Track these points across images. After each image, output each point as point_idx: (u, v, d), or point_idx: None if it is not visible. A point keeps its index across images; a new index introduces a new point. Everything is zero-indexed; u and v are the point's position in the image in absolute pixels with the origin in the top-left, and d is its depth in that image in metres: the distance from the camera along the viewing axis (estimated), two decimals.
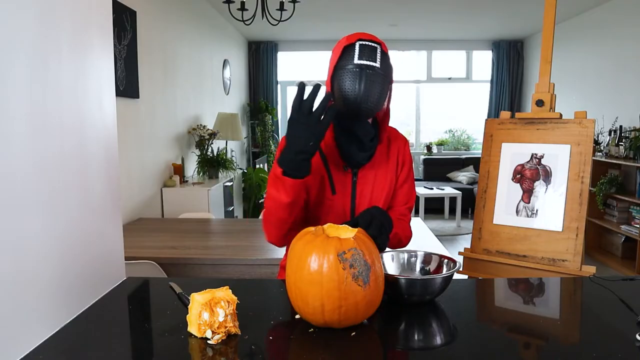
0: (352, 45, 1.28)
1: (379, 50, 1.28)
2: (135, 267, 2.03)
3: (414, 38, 7.56)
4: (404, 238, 1.44)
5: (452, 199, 6.74)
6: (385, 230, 1.25)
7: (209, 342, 0.96)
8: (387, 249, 1.38)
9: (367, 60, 1.25)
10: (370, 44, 1.27)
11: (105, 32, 1.30)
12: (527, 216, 1.92)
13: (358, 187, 1.39)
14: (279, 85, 7.84)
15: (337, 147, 1.37)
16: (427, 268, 1.29)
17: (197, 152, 4.51)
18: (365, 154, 1.36)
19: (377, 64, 1.26)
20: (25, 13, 0.96)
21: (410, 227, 1.48)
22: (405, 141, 1.49)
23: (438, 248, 2.41)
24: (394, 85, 1.37)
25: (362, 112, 1.29)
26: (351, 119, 1.32)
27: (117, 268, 1.35)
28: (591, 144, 1.84)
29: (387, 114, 1.40)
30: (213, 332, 0.96)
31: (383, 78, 1.27)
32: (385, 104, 1.38)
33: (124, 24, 3.14)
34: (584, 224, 1.81)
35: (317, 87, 1.16)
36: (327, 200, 1.38)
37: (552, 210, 1.87)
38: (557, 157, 1.90)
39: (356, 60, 1.25)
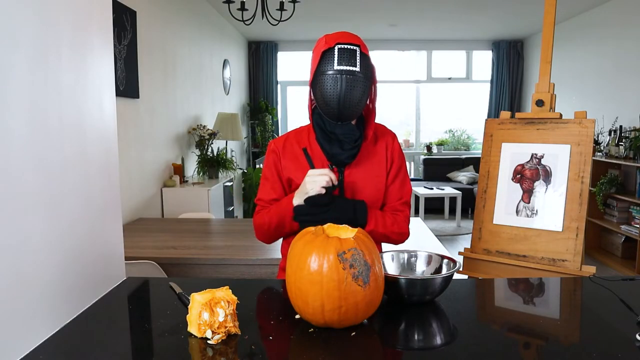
0: (332, 49, 1.28)
1: (358, 53, 1.27)
2: (135, 267, 2.03)
3: (414, 38, 7.56)
4: (394, 234, 1.42)
5: (452, 199, 6.74)
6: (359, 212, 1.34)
7: (209, 342, 0.96)
8: (386, 250, 1.38)
9: (346, 65, 1.26)
10: (349, 47, 1.27)
11: (105, 32, 1.30)
12: (527, 216, 1.92)
13: (345, 184, 1.40)
14: (279, 85, 7.84)
15: (321, 147, 1.39)
16: (427, 268, 1.29)
17: (197, 152, 4.51)
18: (349, 153, 1.37)
19: (357, 68, 1.26)
20: (25, 13, 0.96)
21: (406, 226, 1.46)
22: (393, 136, 1.48)
23: (438, 248, 2.41)
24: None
25: (344, 116, 1.31)
26: (334, 122, 1.35)
27: (117, 268, 1.35)
28: (591, 144, 1.84)
29: (372, 112, 1.41)
30: (213, 332, 0.97)
31: (364, 81, 1.28)
32: (370, 102, 1.39)
33: (124, 24, 3.14)
34: (584, 224, 1.81)
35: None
36: None
37: (552, 210, 1.87)
38: (557, 157, 1.90)
39: (336, 66, 1.26)
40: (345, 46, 1.27)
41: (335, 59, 1.26)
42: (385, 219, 1.41)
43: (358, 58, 1.27)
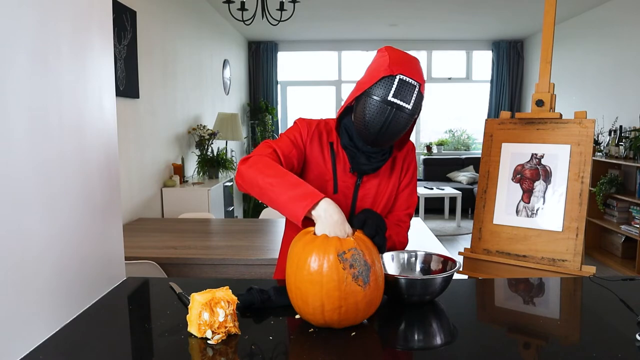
0: (392, 77, 1.20)
1: (416, 91, 1.21)
2: (135, 267, 2.03)
3: (414, 38, 7.56)
4: (397, 243, 1.41)
5: (452, 199, 6.74)
6: (381, 230, 1.23)
7: (209, 342, 0.96)
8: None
9: (401, 100, 1.19)
10: (410, 81, 1.20)
11: (105, 32, 1.30)
12: (527, 216, 1.92)
13: (360, 191, 1.38)
14: (279, 85, 7.84)
15: (346, 152, 1.36)
16: (427, 268, 1.29)
17: (197, 152, 4.51)
18: (374, 166, 1.35)
19: (410, 106, 1.20)
20: (26, 13, 0.96)
21: (407, 235, 1.46)
22: (412, 147, 1.47)
23: (438, 248, 2.41)
24: None
25: (378, 144, 1.27)
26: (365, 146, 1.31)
27: (117, 268, 1.35)
28: (591, 144, 1.84)
29: (408, 134, 1.39)
30: (213, 332, 0.97)
31: (410, 118, 1.23)
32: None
33: (124, 24, 3.13)
34: (584, 224, 1.81)
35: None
36: None
37: (552, 210, 1.87)
38: (557, 157, 1.90)
39: (390, 97, 1.19)
40: (408, 80, 1.20)
41: (393, 89, 1.19)
42: (393, 228, 1.41)
43: (414, 96, 1.21)
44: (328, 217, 1.07)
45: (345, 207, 1.39)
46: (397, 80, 1.19)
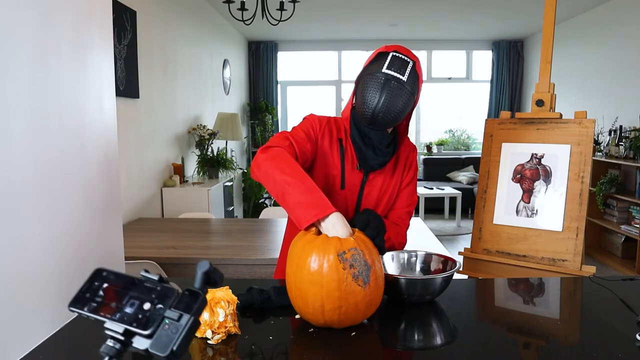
0: (386, 54, 1.27)
1: (410, 66, 1.26)
2: (135, 267, 2.03)
3: (414, 38, 7.56)
4: (396, 244, 1.42)
5: (452, 199, 6.74)
6: (381, 232, 1.24)
7: (209, 342, 0.96)
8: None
9: (395, 71, 1.24)
10: (403, 57, 1.27)
11: (105, 32, 1.30)
12: (527, 216, 1.92)
13: (366, 188, 1.40)
14: (279, 85, 7.84)
15: (354, 146, 1.37)
16: (427, 268, 1.29)
17: (197, 152, 4.51)
18: (380, 160, 1.36)
19: (404, 78, 1.24)
20: (26, 13, 0.96)
21: (406, 234, 1.47)
22: (413, 148, 1.50)
23: (438, 248, 2.41)
24: None
25: (378, 122, 1.28)
26: (367, 126, 1.32)
27: (117, 268, 1.34)
28: (591, 144, 1.84)
29: (406, 128, 1.41)
30: (213, 332, 0.97)
31: (408, 94, 1.26)
32: (405, 119, 1.38)
33: (124, 24, 3.13)
34: (584, 224, 1.81)
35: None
36: (334, 193, 1.39)
37: (552, 210, 1.87)
38: (557, 157, 1.90)
39: (384, 69, 1.24)
40: (400, 55, 1.27)
41: (387, 62, 1.25)
42: (392, 229, 1.42)
43: (408, 70, 1.26)
44: (334, 232, 1.08)
45: (351, 203, 1.42)
46: (390, 55, 1.26)
